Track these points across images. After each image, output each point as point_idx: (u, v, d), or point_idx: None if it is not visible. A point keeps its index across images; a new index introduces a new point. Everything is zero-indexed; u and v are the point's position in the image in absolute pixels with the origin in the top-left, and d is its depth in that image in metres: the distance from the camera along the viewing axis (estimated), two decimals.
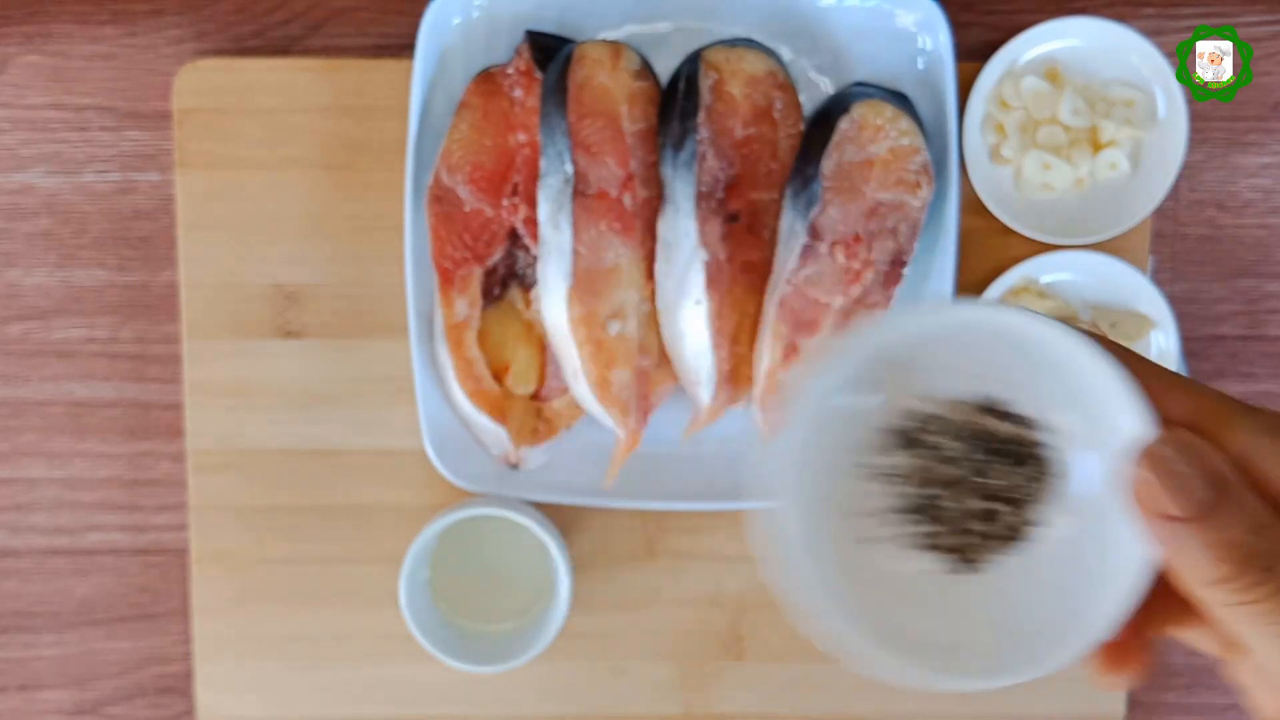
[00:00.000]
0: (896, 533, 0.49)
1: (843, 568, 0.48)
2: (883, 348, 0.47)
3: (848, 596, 0.47)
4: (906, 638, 0.48)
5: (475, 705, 1.02)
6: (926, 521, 0.49)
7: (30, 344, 1.01)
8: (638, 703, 1.02)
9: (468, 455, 0.96)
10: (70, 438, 1.02)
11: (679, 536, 1.01)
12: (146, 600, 1.04)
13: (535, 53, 0.93)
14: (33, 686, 1.04)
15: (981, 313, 0.47)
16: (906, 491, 0.49)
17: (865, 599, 0.48)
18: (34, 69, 0.99)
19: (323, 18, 1.00)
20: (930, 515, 0.49)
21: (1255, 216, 1.01)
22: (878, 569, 0.49)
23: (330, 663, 1.01)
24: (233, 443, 0.99)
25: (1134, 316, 0.96)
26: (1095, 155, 0.96)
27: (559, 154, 0.90)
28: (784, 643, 1.01)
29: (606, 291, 0.92)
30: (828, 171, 0.92)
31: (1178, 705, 1.05)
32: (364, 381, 0.99)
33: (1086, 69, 0.95)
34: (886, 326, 0.48)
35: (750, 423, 0.96)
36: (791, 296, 0.92)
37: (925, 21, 0.93)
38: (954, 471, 0.49)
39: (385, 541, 0.99)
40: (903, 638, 0.47)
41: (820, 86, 0.96)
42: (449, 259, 0.94)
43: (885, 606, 0.48)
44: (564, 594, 0.94)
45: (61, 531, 1.03)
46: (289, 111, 0.97)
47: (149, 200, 1.00)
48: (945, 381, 0.48)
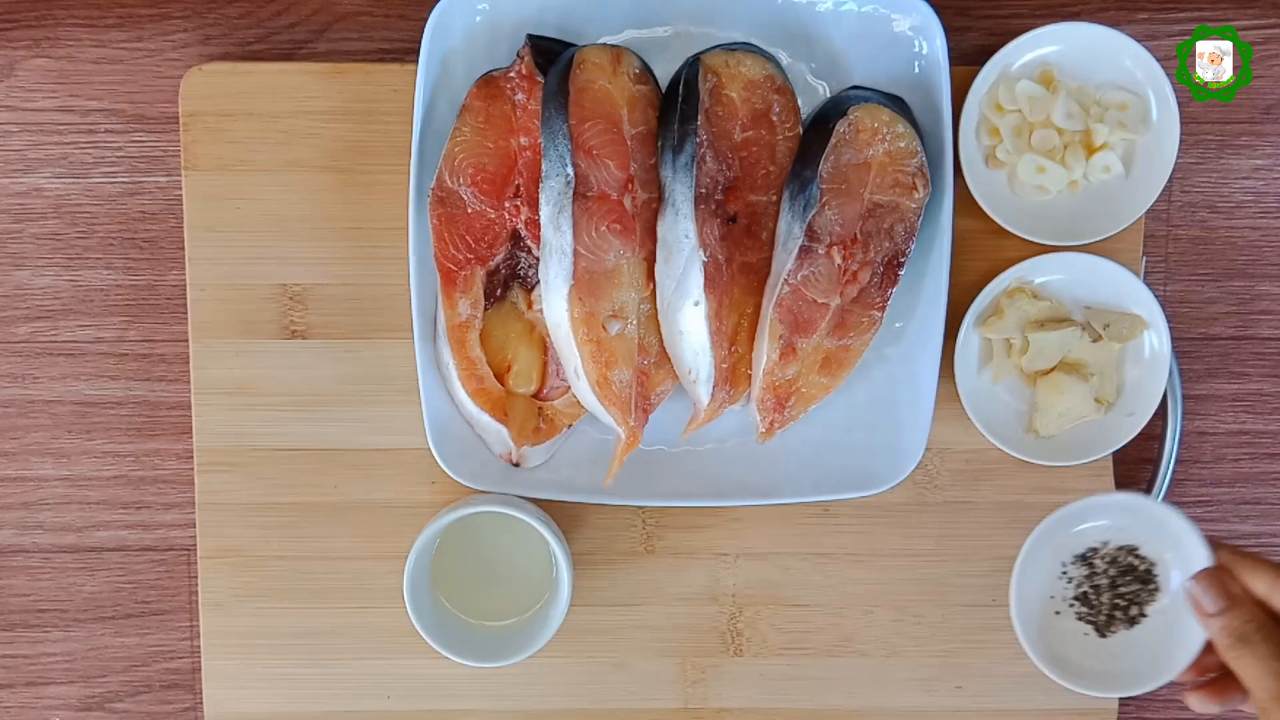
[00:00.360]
0: (1074, 611, 0.92)
1: (1044, 626, 0.91)
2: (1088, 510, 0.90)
3: (1048, 641, 0.91)
4: (1074, 667, 0.90)
5: (478, 700, 1.02)
6: (1086, 606, 0.91)
7: (38, 344, 1.02)
8: (638, 697, 1.03)
9: (470, 453, 0.97)
10: (78, 436, 1.03)
11: (678, 534, 1.02)
12: (153, 597, 1.05)
13: (537, 57, 0.94)
14: (40, 682, 1.05)
15: (1137, 501, 0.88)
16: (1081, 590, 0.91)
17: (1056, 644, 0.91)
18: (42, 72, 1.00)
19: (327, 22, 1.01)
20: (1089, 604, 0.91)
21: (1246, 218, 1.02)
22: (1062, 628, 0.91)
23: (335, 658, 1.02)
24: (239, 441, 1.00)
25: (1127, 317, 0.97)
26: (1089, 158, 0.96)
27: (560, 156, 0.91)
28: (782, 638, 1.02)
29: (607, 292, 0.93)
30: (825, 174, 0.92)
31: (1170, 700, 1.06)
32: (368, 381, 0.99)
33: (1080, 73, 0.96)
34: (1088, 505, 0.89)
35: (748, 422, 0.97)
36: (789, 297, 0.93)
37: (921, 26, 0.94)
38: (1104, 582, 0.91)
39: (389, 538, 1.00)
40: (1073, 667, 0.90)
41: (818, 90, 0.97)
42: (452, 260, 0.94)
43: (1066, 649, 0.91)
44: (565, 590, 0.95)
45: (69, 529, 1.04)
46: (294, 115, 0.98)
47: (156, 202, 1.01)
48: (1110, 533, 0.90)
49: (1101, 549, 0.90)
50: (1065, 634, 0.91)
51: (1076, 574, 0.91)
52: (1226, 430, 1.04)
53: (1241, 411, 1.04)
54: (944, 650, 1.03)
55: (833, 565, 1.02)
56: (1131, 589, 0.90)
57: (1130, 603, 0.90)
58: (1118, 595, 0.90)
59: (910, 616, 1.02)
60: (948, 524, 1.02)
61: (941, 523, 1.02)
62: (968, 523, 1.00)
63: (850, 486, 0.97)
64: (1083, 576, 0.91)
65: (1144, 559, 0.90)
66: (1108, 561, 0.90)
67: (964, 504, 1.01)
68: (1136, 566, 0.90)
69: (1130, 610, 0.90)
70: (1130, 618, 0.90)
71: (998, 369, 0.98)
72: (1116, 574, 0.90)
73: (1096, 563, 0.91)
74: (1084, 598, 0.91)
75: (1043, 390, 0.98)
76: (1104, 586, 0.90)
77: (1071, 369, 0.97)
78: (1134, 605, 0.90)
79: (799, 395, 0.95)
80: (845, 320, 0.95)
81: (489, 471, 0.97)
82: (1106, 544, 0.90)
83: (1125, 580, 0.90)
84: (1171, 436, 1.01)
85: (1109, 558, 0.90)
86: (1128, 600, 0.90)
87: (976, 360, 0.98)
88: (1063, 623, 0.91)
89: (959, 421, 0.98)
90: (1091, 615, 0.91)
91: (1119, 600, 0.90)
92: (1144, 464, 1.02)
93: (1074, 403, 0.97)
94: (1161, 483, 1.01)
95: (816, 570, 1.02)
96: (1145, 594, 0.90)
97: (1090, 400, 0.97)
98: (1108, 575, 0.90)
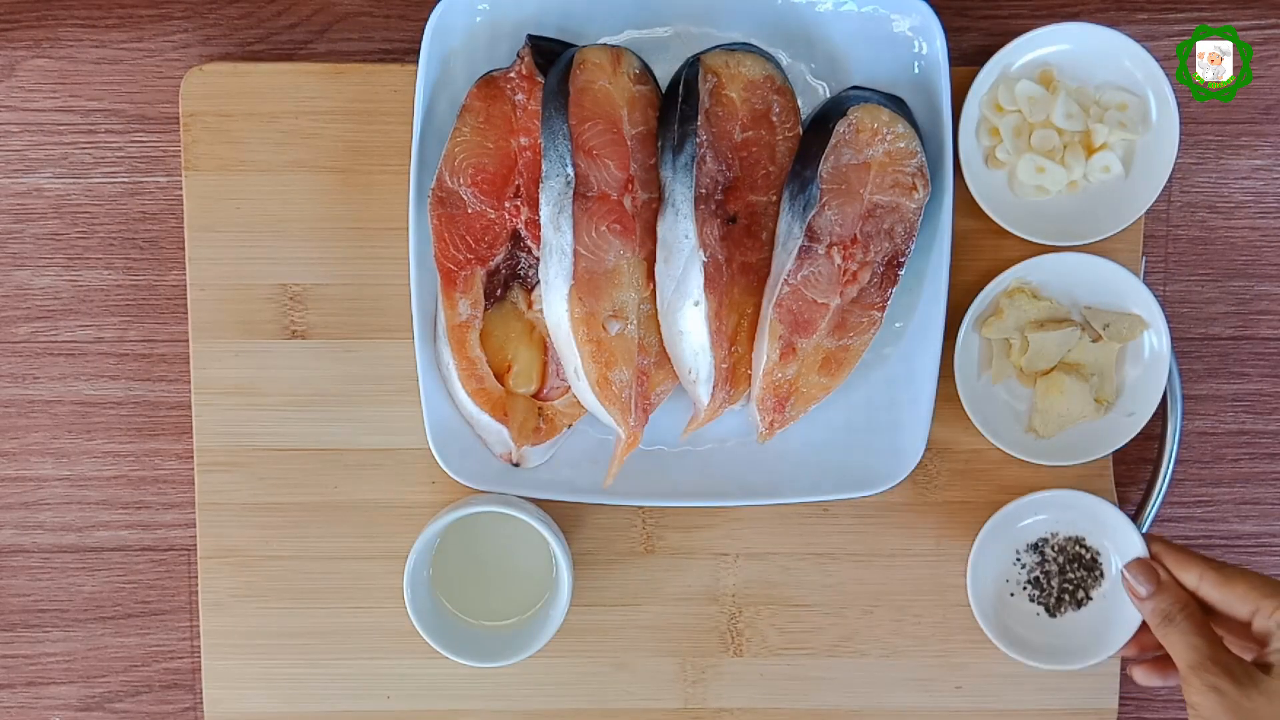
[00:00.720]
0: (1026, 593, 1.00)
1: (1000, 605, 0.99)
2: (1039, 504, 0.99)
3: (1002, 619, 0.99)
4: (1026, 643, 0.99)
5: (477, 700, 1.03)
6: (1038, 589, 1.00)
7: (39, 344, 1.02)
8: (638, 697, 1.03)
9: (470, 453, 0.97)
10: (78, 437, 1.03)
11: (678, 533, 1.02)
12: (153, 597, 1.05)
13: (537, 57, 0.94)
14: (40, 682, 1.05)
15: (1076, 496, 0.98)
16: (1034, 575, 1.00)
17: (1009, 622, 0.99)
18: (42, 73, 1.00)
19: (327, 23, 1.01)
20: (1040, 587, 1.00)
21: (1246, 218, 1.02)
22: (1016, 608, 1.00)
23: (335, 658, 1.02)
24: (239, 441, 1.00)
25: (1126, 317, 0.97)
26: (1088, 158, 0.96)
27: (560, 157, 0.91)
28: (782, 638, 1.02)
29: (607, 292, 0.93)
30: (825, 174, 0.93)
31: (1169, 700, 1.07)
32: (368, 381, 1.00)
33: (1080, 73, 0.96)
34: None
35: (748, 422, 0.97)
36: (789, 297, 0.93)
37: (921, 27, 0.94)
38: (1054, 568, 0.99)
39: (389, 538, 1.00)
40: (1025, 643, 0.99)
41: (818, 90, 0.97)
42: (452, 260, 0.95)
43: (1019, 626, 0.99)
44: (565, 590, 0.95)
45: (69, 529, 1.04)
46: (294, 115, 0.98)
47: (156, 202, 1.01)
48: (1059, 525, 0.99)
49: (1051, 539, 1.00)
50: (1019, 613, 1.00)
51: (1029, 560, 1.00)
52: (1226, 430, 1.04)
53: (1241, 411, 1.04)
54: (944, 650, 1.03)
55: (833, 565, 1.02)
56: (1078, 574, 0.99)
57: (1077, 587, 0.99)
58: (1066, 580, 0.99)
59: (910, 616, 1.03)
60: (948, 524, 1.02)
61: (941, 523, 1.02)
62: (968, 523, 1.00)
63: (850, 486, 0.98)
64: (1035, 563, 1.00)
65: (1090, 549, 0.99)
66: (1056, 550, 1.00)
67: (964, 504, 1.01)
68: (1083, 555, 0.99)
69: (1078, 594, 0.99)
70: (1077, 600, 0.99)
71: (997, 369, 0.98)
72: (1065, 561, 0.99)
73: (1047, 551, 1.00)
74: (1036, 582, 1.00)
75: (1042, 390, 0.98)
76: (1054, 572, 1.00)
77: (1071, 369, 0.97)
78: (1080, 589, 0.99)
79: (799, 395, 0.95)
80: (845, 320, 0.95)
81: (489, 471, 0.97)
82: (1056, 535, 0.99)
83: (1073, 567, 0.99)
84: (1171, 436, 1.01)
85: (1058, 547, 1.00)
86: (1075, 584, 0.99)
87: (976, 360, 0.98)
88: (1017, 604, 1.00)
89: (959, 421, 0.98)
90: (1043, 598, 1.00)
91: (1067, 584, 0.99)
92: (1144, 464, 1.03)
93: (1073, 403, 0.97)
94: (1161, 483, 1.01)
95: (816, 570, 1.02)
96: (1091, 580, 0.99)
97: (1090, 400, 0.97)
98: (1057, 563, 0.99)
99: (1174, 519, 1.05)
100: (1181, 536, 1.05)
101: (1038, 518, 0.99)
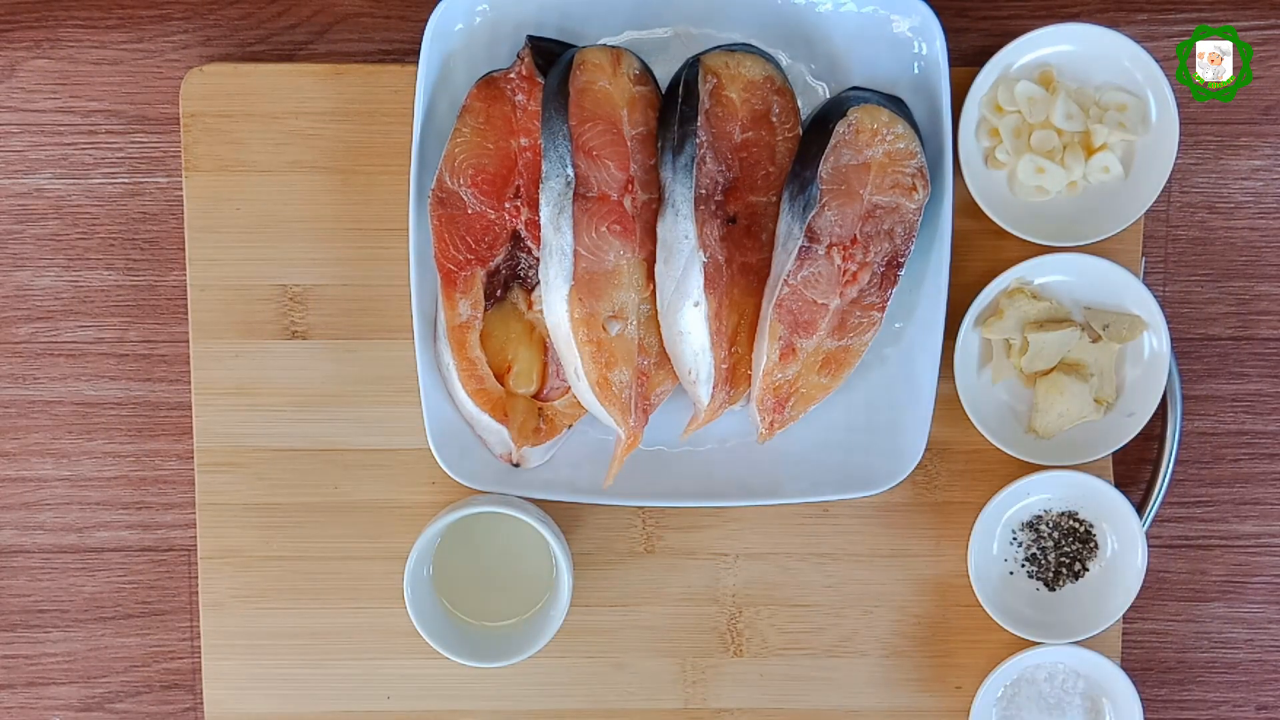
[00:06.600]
0: (1025, 570, 1.01)
1: (1001, 585, 1.01)
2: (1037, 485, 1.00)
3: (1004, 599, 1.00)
4: (1029, 620, 1.00)
5: (478, 700, 1.03)
6: (1035, 565, 1.01)
7: (39, 344, 1.02)
8: (638, 697, 1.03)
9: (470, 454, 0.97)
10: (78, 437, 1.03)
11: (678, 534, 1.02)
12: (154, 597, 1.05)
13: (537, 58, 0.94)
14: (41, 682, 1.05)
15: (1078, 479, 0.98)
16: (1031, 552, 1.01)
17: (1011, 601, 1.00)
18: (43, 73, 1.00)
19: (328, 24, 1.01)
20: (1038, 563, 1.01)
21: (1246, 219, 1.03)
22: (1016, 586, 1.01)
23: (335, 658, 1.02)
24: (239, 442, 1.00)
25: (1126, 318, 0.97)
26: (1088, 159, 0.96)
27: (560, 157, 0.91)
28: (782, 638, 1.02)
29: (607, 293, 0.93)
30: (825, 175, 0.93)
31: (1170, 700, 1.07)
32: (368, 381, 1.00)
33: (1079, 74, 0.96)
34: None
35: (748, 422, 0.97)
36: (789, 298, 0.93)
37: (921, 27, 0.94)
38: (1050, 544, 1.01)
39: (389, 539, 1.00)
40: (1028, 620, 1.00)
41: (817, 91, 0.97)
42: (452, 261, 0.95)
43: (1021, 604, 1.01)
44: (565, 590, 0.95)
45: (69, 529, 1.04)
46: (294, 116, 0.98)
47: (157, 203, 1.02)
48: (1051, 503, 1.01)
49: (1045, 516, 1.01)
50: (1019, 591, 1.01)
51: (1025, 539, 1.01)
52: (1226, 430, 1.04)
53: (1241, 412, 1.04)
54: (944, 650, 1.03)
55: (833, 565, 1.02)
56: (1074, 547, 1.01)
57: (1074, 559, 1.01)
58: (1062, 554, 1.01)
59: (910, 616, 1.03)
60: (948, 524, 1.02)
61: (941, 523, 1.02)
62: (968, 523, 1.00)
63: (850, 486, 0.98)
64: (1030, 540, 1.01)
65: (1083, 521, 1.00)
66: (1051, 526, 1.01)
67: (964, 504, 1.01)
68: (1077, 529, 1.00)
69: (1074, 566, 1.01)
70: (1075, 573, 1.01)
71: (997, 369, 0.98)
72: (1060, 536, 1.01)
73: (1042, 528, 1.01)
74: (1033, 558, 1.01)
75: (1042, 390, 0.98)
76: (1050, 548, 1.01)
77: (1071, 369, 0.98)
78: (1077, 561, 1.01)
79: (799, 395, 0.95)
80: (845, 321, 0.95)
81: (489, 472, 0.97)
82: (1049, 511, 1.00)
83: (1068, 541, 1.01)
84: (1171, 437, 1.01)
85: (1052, 523, 1.01)
86: (1071, 557, 1.01)
87: (976, 360, 0.99)
88: (1016, 582, 1.01)
89: (959, 421, 0.98)
90: (1041, 573, 1.01)
91: (1063, 558, 1.01)
92: (1144, 464, 1.03)
93: (1073, 403, 0.97)
94: (1161, 483, 1.01)
95: (816, 570, 1.02)
96: (1086, 551, 1.01)
97: (1090, 400, 0.97)
98: (1052, 538, 1.01)
99: (1174, 519, 1.05)
100: (1181, 536, 1.05)
101: (1032, 498, 1.00)
